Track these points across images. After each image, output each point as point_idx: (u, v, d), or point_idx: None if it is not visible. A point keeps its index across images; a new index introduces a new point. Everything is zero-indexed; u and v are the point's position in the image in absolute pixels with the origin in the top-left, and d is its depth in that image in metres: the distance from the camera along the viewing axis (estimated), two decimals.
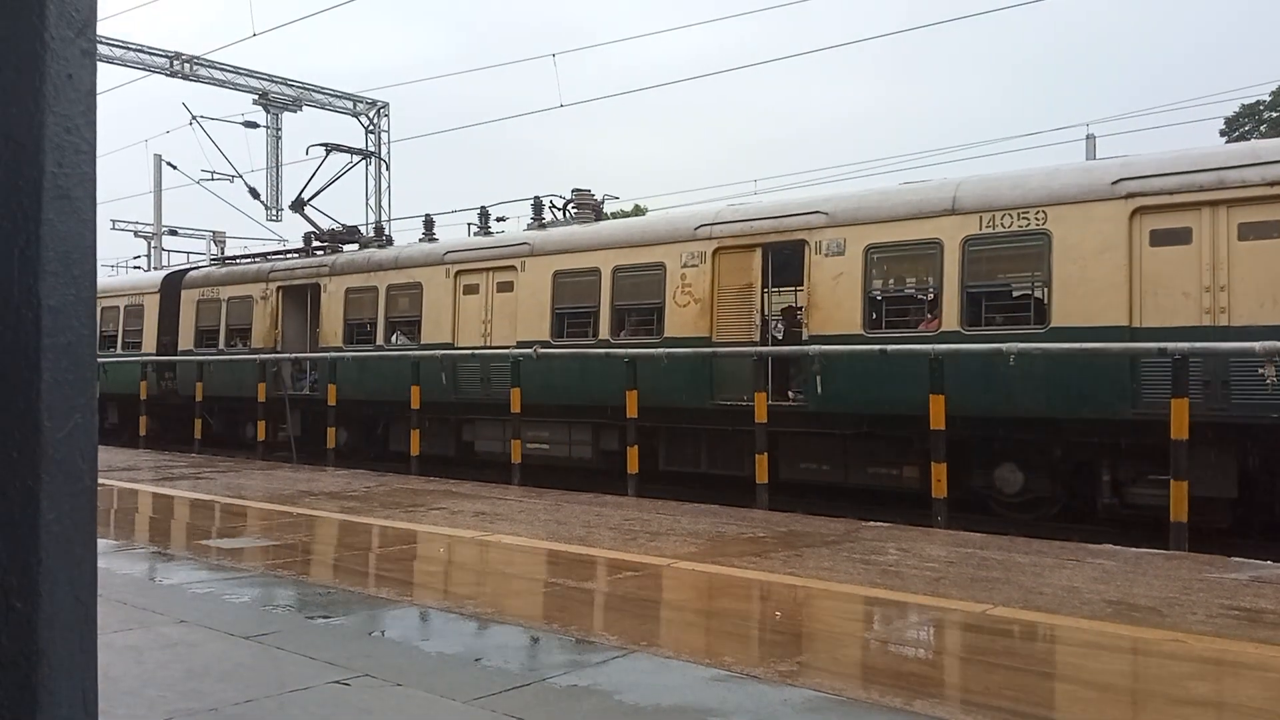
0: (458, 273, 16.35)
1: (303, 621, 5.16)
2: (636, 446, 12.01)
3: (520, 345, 14.73)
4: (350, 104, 33.81)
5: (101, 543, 7.42)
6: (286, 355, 18.68)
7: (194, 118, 29.73)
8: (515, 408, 13.35)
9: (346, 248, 19.47)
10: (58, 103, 1.06)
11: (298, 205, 20.33)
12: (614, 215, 18.81)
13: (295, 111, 32.99)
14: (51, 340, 1.05)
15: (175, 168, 33.18)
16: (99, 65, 1.15)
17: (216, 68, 30.64)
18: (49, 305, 1.05)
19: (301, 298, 19.26)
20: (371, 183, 33.59)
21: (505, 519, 9.00)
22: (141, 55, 29.33)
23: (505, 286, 15.63)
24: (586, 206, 16.55)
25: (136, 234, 42.90)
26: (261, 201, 32.59)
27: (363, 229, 21.12)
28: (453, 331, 16.21)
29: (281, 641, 4.73)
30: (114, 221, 42.57)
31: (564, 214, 16.65)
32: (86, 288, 1.09)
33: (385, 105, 34.03)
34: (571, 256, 14.88)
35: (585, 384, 14.10)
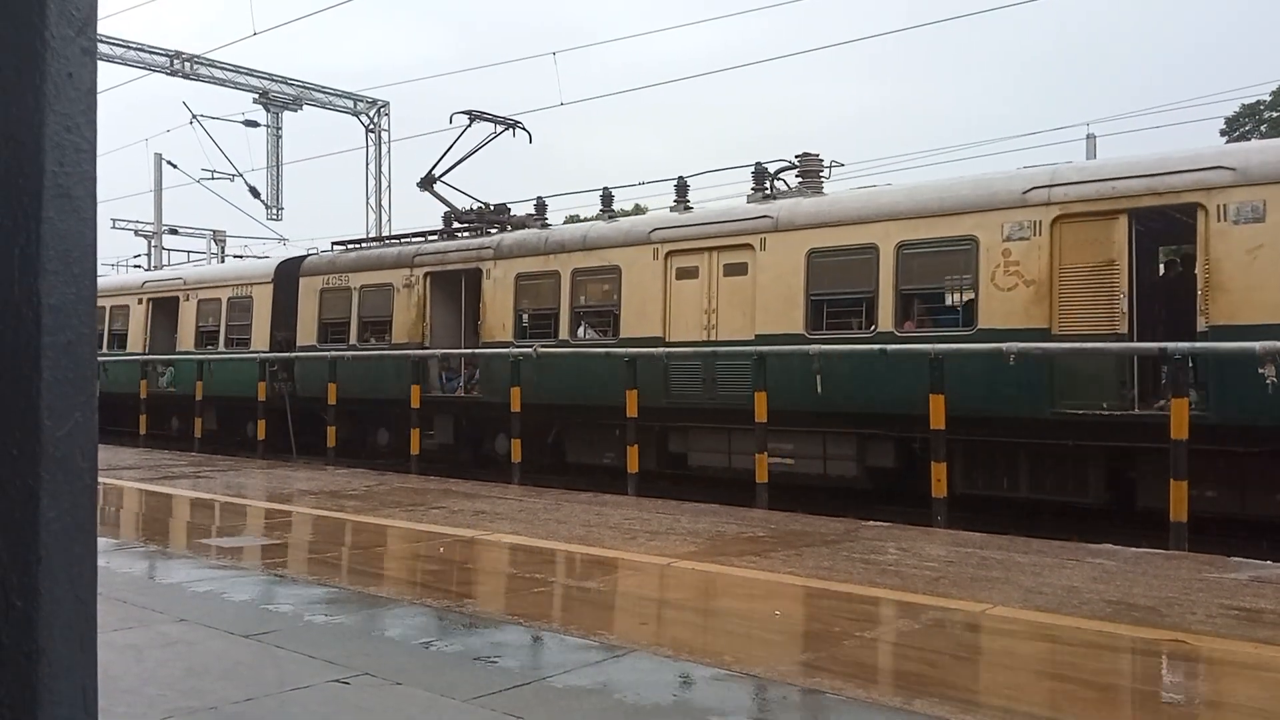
0: (669, 254, 13.77)
1: (302, 620, 5.16)
2: (636, 445, 11.99)
3: (760, 339, 12.36)
4: (351, 103, 33.81)
5: (102, 541, 7.42)
6: (443, 351, 16.25)
7: (194, 117, 29.79)
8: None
9: (489, 228, 17.08)
10: (58, 101, 1.06)
11: (427, 182, 17.88)
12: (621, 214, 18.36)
13: (295, 111, 33.00)
14: (52, 339, 1.05)
15: (176, 167, 33.24)
16: (99, 64, 1.15)
17: (217, 66, 30.64)
18: (49, 304, 1.05)
19: (454, 285, 16.81)
20: (372, 181, 33.60)
21: (505, 518, 9.01)
22: (142, 54, 29.33)
23: (736, 269, 13.13)
24: (813, 174, 13.83)
25: (137, 233, 42.86)
26: (262, 200, 32.64)
27: (480, 209, 18.56)
28: (663, 323, 13.69)
29: (281, 640, 4.73)
30: (114, 220, 42.54)
31: (766, 185, 13.85)
32: (87, 286, 1.09)
33: (386, 104, 34.03)
34: (832, 232, 12.29)
35: (858, 386, 11.60)
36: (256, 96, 32.02)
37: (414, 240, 18.01)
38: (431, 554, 7.46)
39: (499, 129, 17.68)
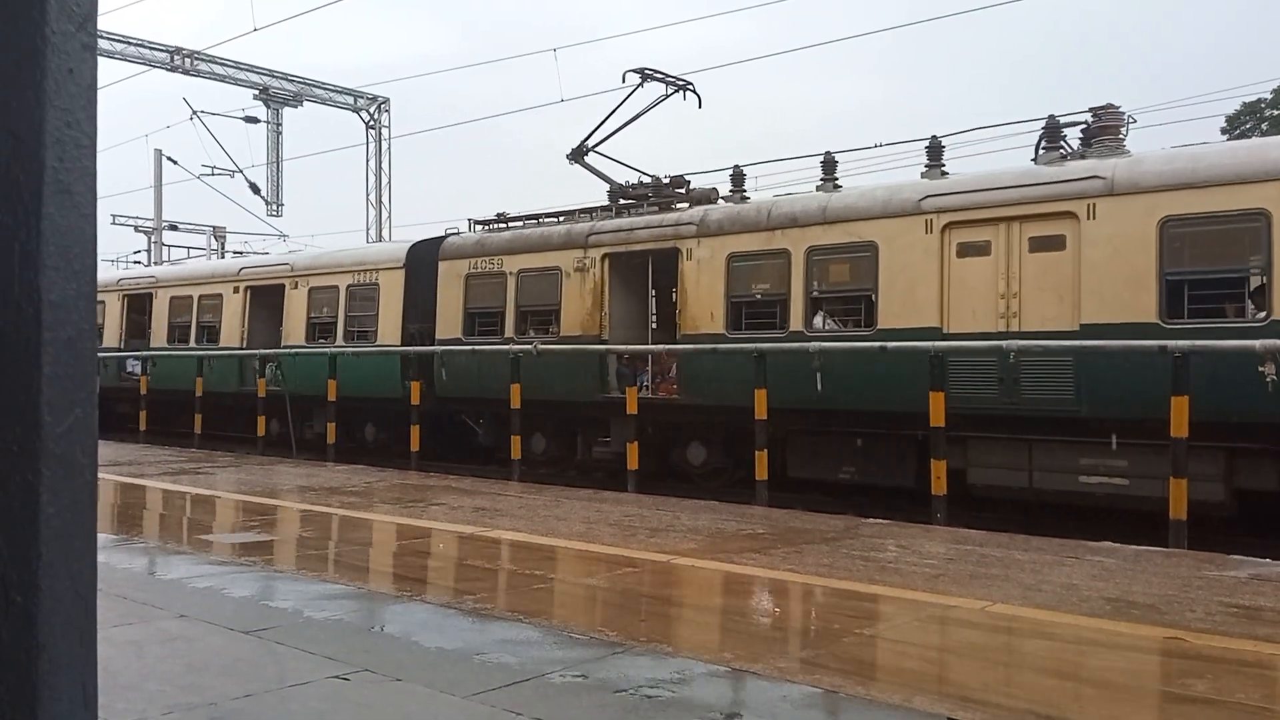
0: (948, 226, 11.38)
1: (302, 616, 5.17)
2: (636, 443, 11.99)
3: (1087, 330, 10.28)
4: (351, 99, 33.78)
5: (102, 537, 7.42)
6: (652, 348, 14.16)
7: (194, 113, 29.77)
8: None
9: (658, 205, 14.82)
10: (58, 97, 1.06)
11: (579, 154, 16.10)
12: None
13: (296, 107, 32.98)
14: (52, 335, 1.05)
15: (176, 163, 33.21)
16: (100, 60, 1.15)
17: (217, 63, 30.62)
18: (49, 300, 1.05)
19: (638, 267, 14.68)
20: (373, 178, 33.59)
21: (505, 515, 9.01)
22: (142, 50, 29.30)
23: (1048, 243, 10.79)
24: (1112, 130, 11.23)
25: (137, 229, 42.85)
26: (262, 197, 32.63)
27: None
28: (941, 311, 11.30)
29: (281, 636, 4.74)
30: (114, 216, 42.53)
31: (1061, 143, 11.46)
32: (87, 282, 1.09)
33: (386, 101, 34.01)
34: (1198, 196, 9.93)
35: (1230, 390, 9.28)
36: (257, 93, 32.00)
37: (582, 217, 15.51)
38: (431, 550, 7.47)
39: (669, 91, 15.69)
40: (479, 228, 16.90)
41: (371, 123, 33.72)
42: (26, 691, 1.02)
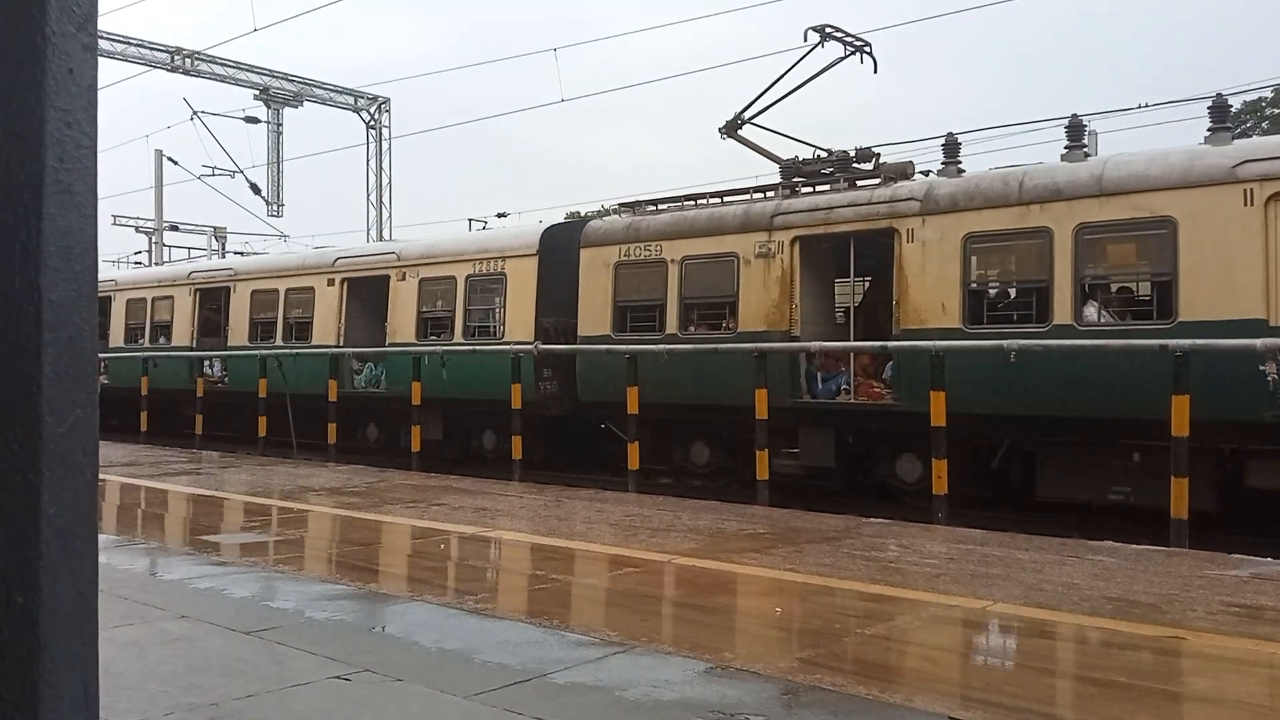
0: (1273, 197, 9.57)
1: (303, 616, 5.17)
2: (636, 442, 11.99)
3: None
4: (351, 99, 33.79)
5: (103, 537, 7.43)
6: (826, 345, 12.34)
7: (195, 113, 29.77)
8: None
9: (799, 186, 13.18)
10: (59, 97, 1.06)
11: (733, 126, 14.20)
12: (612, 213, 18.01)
13: (296, 107, 32.98)
14: (53, 335, 1.05)
15: (176, 163, 33.21)
16: (100, 60, 1.15)
17: (218, 63, 30.62)
18: (50, 300, 1.05)
19: (837, 252, 12.81)
20: (373, 178, 33.60)
21: (506, 515, 9.01)
22: (143, 50, 29.31)
23: None
24: None
25: (138, 229, 42.87)
26: (263, 197, 32.63)
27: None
28: (1267, 298, 9.53)
29: (282, 637, 4.74)
30: (115, 217, 42.55)
31: None
32: (88, 282, 1.09)
33: (386, 101, 34.01)
34: None
35: None
36: (257, 93, 31.99)
37: (759, 196, 13.48)
38: (432, 550, 7.47)
39: (847, 52, 13.76)
40: (624, 212, 14.95)
41: (372, 123, 33.73)
42: (28, 691, 1.02)
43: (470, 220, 19.81)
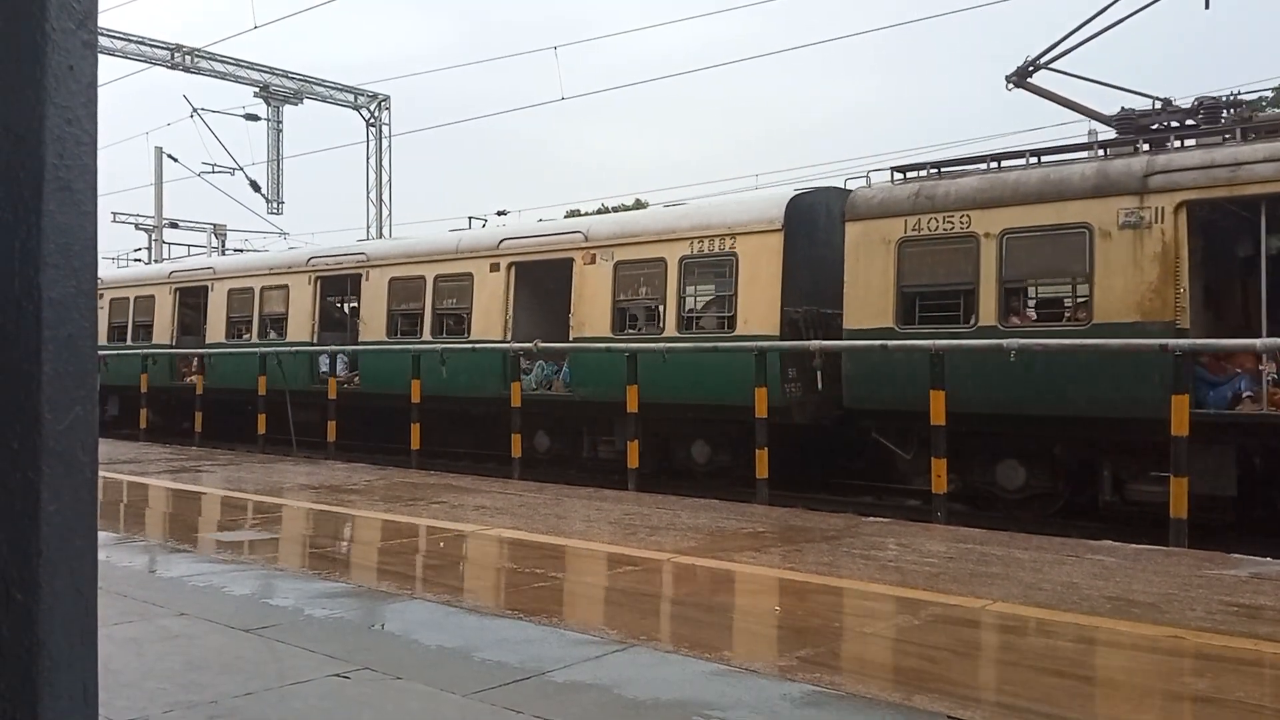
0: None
1: (303, 614, 5.17)
2: (636, 441, 11.99)
3: None
4: (352, 97, 33.78)
5: (102, 535, 7.43)
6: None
7: (195, 110, 29.75)
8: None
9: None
10: (59, 94, 1.06)
11: (1023, 74, 12.04)
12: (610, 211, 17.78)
13: (296, 104, 32.98)
14: (52, 333, 1.05)
15: (176, 160, 33.22)
16: (100, 57, 1.15)
17: (218, 60, 30.61)
18: (50, 298, 1.05)
19: (1239, 221, 10.18)
20: (373, 175, 33.60)
21: (505, 513, 9.01)
22: (143, 47, 29.29)
23: None
24: None
25: (137, 227, 42.86)
26: (262, 194, 32.63)
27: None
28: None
29: (281, 634, 4.74)
30: (115, 214, 42.54)
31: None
32: (87, 280, 1.09)
33: (386, 99, 34.00)
34: None
35: None
36: (257, 90, 31.99)
37: (1086, 155, 11.01)
38: (432, 549, 7.47)
39: None
40: (896, 177, 12.26)
41: (372, 120, 33.72)
42: (27, 689, 1.02)
43: (470, 218, 19.19)
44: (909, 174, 12.07)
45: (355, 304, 18.56)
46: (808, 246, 12.89)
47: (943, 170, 11.84)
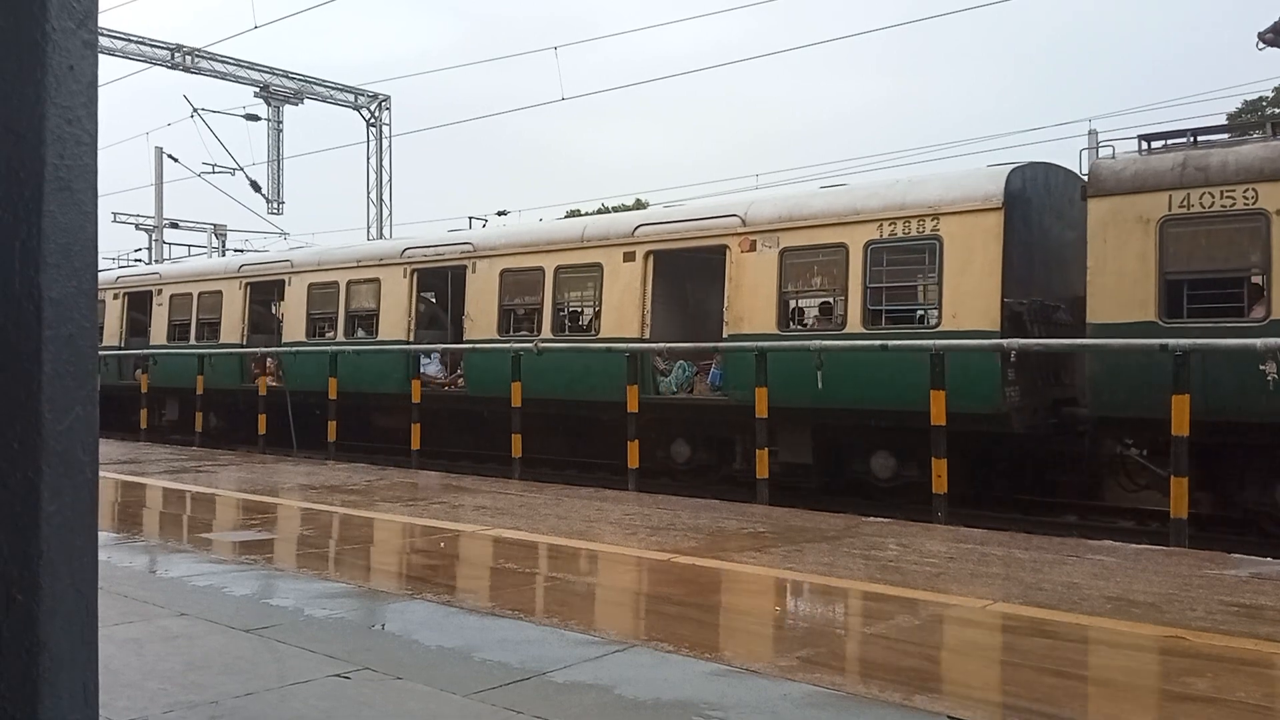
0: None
1: (303, 615, 5.17)
2: (637, 440, 11.98)
3: None
4: (352, 97, 33.78)
5: (102, 535, 7.42)
6: None
7: (195, 110, 29.76)
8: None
9: None
10: (59, 94, 1.06)
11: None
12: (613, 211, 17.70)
13: (296, 104, 33.00)
14: (53, 332, 1.05)
15: (176, 160, 33.23)
16: (100, 57, 1.15)
17: (218, 60, 30.62)
18: (50, 297, 1.05)
19: None
20: (373, 175, 33.59)
21: (506, 513, 9.01)
22: (143, 47, 29.30)
23: None
24: None
25: (138, 227, 42.90)
26: (263, 194, 32.65)
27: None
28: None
29: (282, 635, 4.74)
30: (115, 214, 42.58)
31: None
32: (88, 279, 1.09)
33: (387, 98, 34.01)
34: None
35: None
36: (257, 90, 32.01)
37: None
38: (432, 549, 7.47)
39: None
40: (1154, 145, 10.61)
41: (372, 120, 33.72)
42: (28, 688, 1.02)
43: (471, 218, 19.11)
44: (1153, 145, 10.55)
45: (442, 298, 17.64)
46: (1025, 229, 11.29)
47: (1198, 139, 10.34)
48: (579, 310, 14.82)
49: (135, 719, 3.54)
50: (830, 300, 12.40)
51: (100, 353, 20.02)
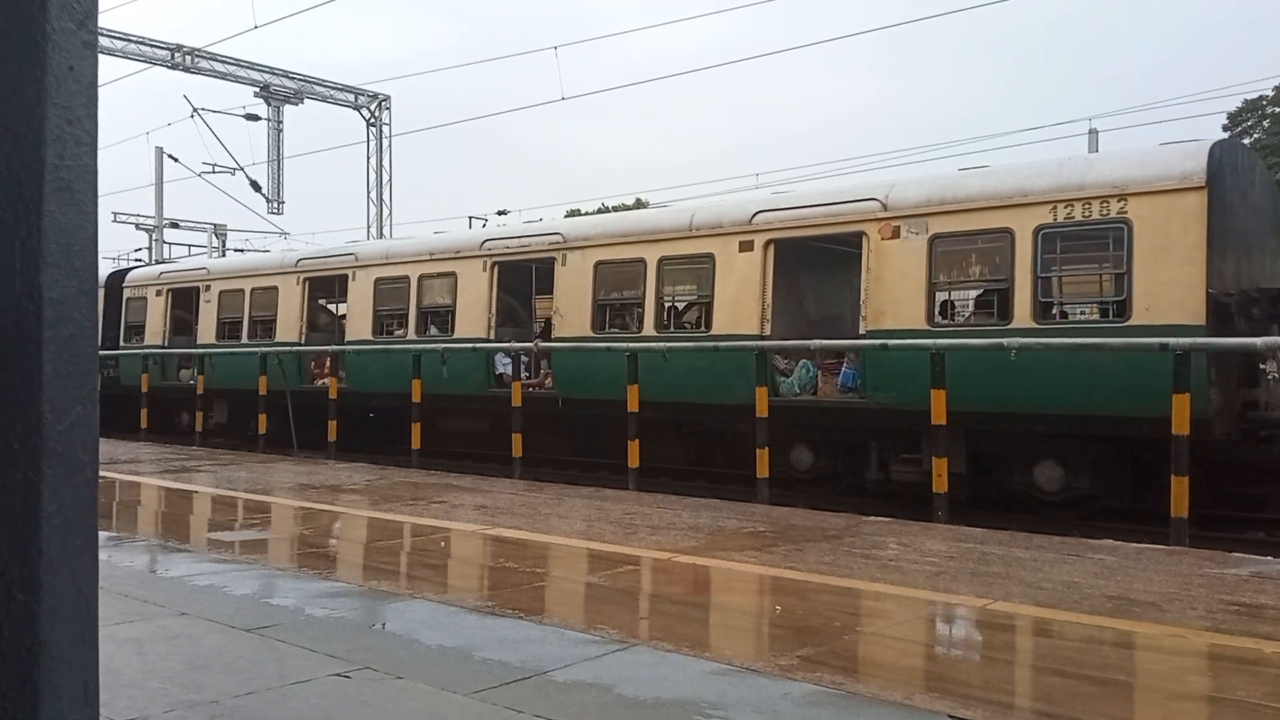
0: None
1: (303, 614, 5.17)
2: (638, 440, 11.98)
3: None
4: (352, 97, 33.78)
5: (102, 535, 7.43)
6: None
7: (195, 110, 29.77)
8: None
9: None
10: (59, 94, 1.06)
11: None
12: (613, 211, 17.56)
13: (297, 104, 33.00)
14: (53, 333, 1.05)
15: (177, 160, 33.23)
16: (100, 57, 1.15)
17: (218, 60, 30.62)
18: (50, 297, 1.05)
19: None
20: (373, 175, 33.59)
21: (506, 513, 9.01)
22: (143, 47, 29.30)
23: None
24: None
25: (138, 227, 42.93)
26: (263, 194, 32.66)
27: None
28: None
29: (282, 634, 4.74)
30: (115, 214, 42.59)
31: None
32: (88, 280, 1.09)
33: (387, 98, 34.01)
34: None
35: None
36: (257, 90, 32.01)
37: None
38: (433, 548, 7.47)
39: None
40: None
41: (372, 120, 33.72)
42: (28, 688, 1.02)
43: (470, 218, 19.00)
44: None
45: (517, 293, 16.66)
46: (1227, 211, 10.18)
47: None
48: (688, 305, 13.61)
49: (136, 718, 3.54)
50: (992, 292, 11.10)
51: (145, 352, 18.43)
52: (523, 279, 16.79)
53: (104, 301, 22.40)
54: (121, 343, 22.60)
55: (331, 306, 20.16)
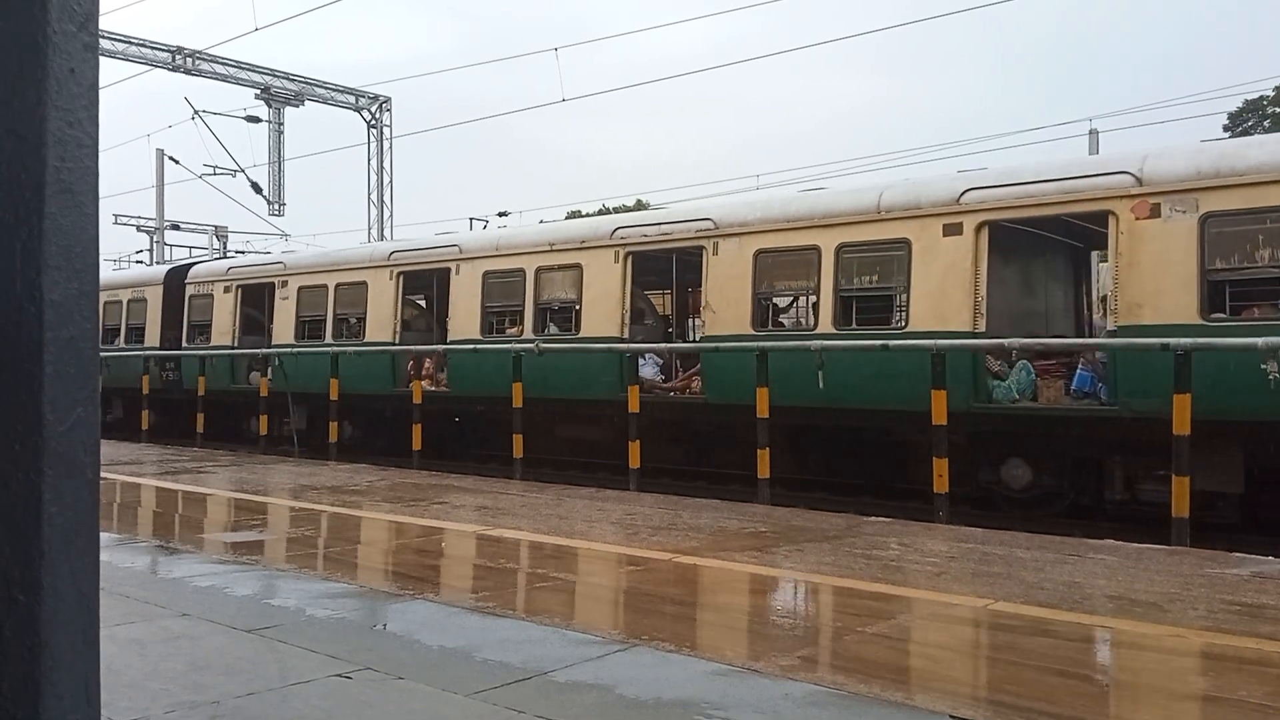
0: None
1: (304, 615, 5.17)
2: (639, 440, 11.98)
3: None
4: (353, 98, 33.79)
5: (104, 535, 7.43)
6: None
7: (196, 112, 29.80)
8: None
9: None
10: (60, 97, 1.06)
11: None
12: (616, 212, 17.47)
13: (297, 106, 33.02)
14: (54, 334, 1.05)
15: (178, 162, 33.26)
16: (101, 59, 1.15)
17: (219, 62, 30.64)
18: (51, 299, 1.05)
19: None
20: (374, 177, 33.60)
21: (507, 513, 9.01)
22: (144, 50, 29.32)
23: None
24: None
25: (139, 229, 42.93)
26: (264, 196, 32.68)
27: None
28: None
29: (283, 635, 4.74)
30: (116, 216, 42.62)
31: None
32: (89, 281, 1.09)
33: (388, 100, 34.02)
34: None
35: None
36: (258, 92, 32.03)
37: None
38: (434, 549, 7.47)
39: None
40: None
41: (373, 122, 33.73)
42: (29, 689, 1.03)
43: (471, 219, 18.86)
44: None
45: (650, 286, 15.09)
46: None
47: None
48: (875, 297, 11.87)
49: (137, 719, 3.54)
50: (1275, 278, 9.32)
51: (210, 352, 17.64)
52: (661, 270, 15.28)
53: (163, 299, 21.60)
54: (184, 343, 21.04)
55: (420, 302, 18.98)
